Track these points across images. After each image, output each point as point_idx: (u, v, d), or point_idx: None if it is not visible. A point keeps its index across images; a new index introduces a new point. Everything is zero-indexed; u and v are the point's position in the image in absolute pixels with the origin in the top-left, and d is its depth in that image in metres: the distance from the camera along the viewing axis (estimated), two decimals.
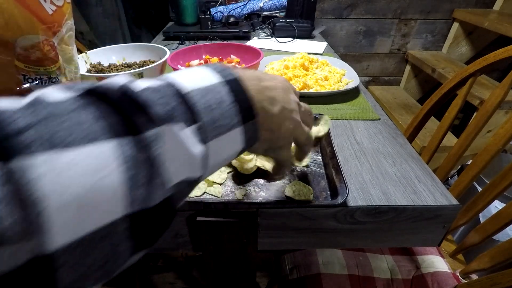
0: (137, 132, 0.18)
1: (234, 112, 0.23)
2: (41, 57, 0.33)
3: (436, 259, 0.70)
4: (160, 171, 0.19)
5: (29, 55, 0.32)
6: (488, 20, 1.37)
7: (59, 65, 0.36)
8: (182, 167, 0.20)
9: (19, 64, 0.32)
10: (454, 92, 0.75)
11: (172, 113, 0.20)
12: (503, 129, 0.60)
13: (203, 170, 0.22)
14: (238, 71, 0.27)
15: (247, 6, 1.25)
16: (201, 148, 0.21)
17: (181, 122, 0.20)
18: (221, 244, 0.43)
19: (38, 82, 0.34)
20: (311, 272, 0.67)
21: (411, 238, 0.44)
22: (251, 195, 0.42)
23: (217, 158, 0.23)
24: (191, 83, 0.22)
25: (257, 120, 0.26)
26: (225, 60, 0.75)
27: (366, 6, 1.59)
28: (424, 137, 1.34)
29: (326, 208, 0.40)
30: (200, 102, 0.22)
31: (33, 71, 0.33)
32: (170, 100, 0.20)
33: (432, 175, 0.46)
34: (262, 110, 0.27)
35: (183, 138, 0.20)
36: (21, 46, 0.31)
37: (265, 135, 0.28)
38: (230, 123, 0.23)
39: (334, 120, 0.60)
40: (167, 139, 0.19)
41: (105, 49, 0.73)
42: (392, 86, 1.88)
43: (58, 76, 0.36)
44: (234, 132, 0.24)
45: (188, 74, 0.23)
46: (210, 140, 0.22)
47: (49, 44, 0.33)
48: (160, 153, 0.19)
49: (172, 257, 1.27)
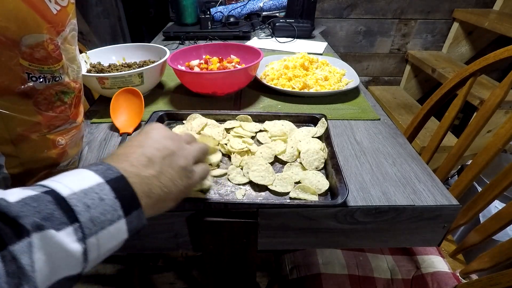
0: (4, 246, 0.20)
1: (115, 208, 0.26)
2: (45, 56, 0.33)
3: (436, 259, 0.70)
4: (32, 278, 0.20)
5: (34, 53, 0.32)
6: (488, 20, 1.37)
7: (63, 64, 0.36)
8: (59, 268, 0.22)
9: (24, 63, 0.32)
10: (454, 92, 0.75)
11: (49, 218, 0.22)
12: (503, 129, 0.60)
13: (84, 264, 0.24)
14: (123, 165, 0.28)
15: (247, 6, 1.25)
16: (80, 246, 0.23)
17: (58, 225, 0.22)
18: (221, 244, 0.43)
19: (42, 80, 0.34)
20: (311, 272, 0.67)
21: (411, 238, 0.44)
22: (251, 195, 0.42)
23: (101, 250, 0.25)
24: (71, 186, 0.24)
25: (142, 207, 0.28)
26: (225, 60, 0.75)
27: (366, 6, 1.59)
28: (424, 137, 1.34)
29: (326, 208, 0.40)
30: (78, 204, 0.24)
31: (37, 69, 0.33)
32: (46, 207, 0.22)
33: (432, 175, 0.46)
34: (147, 197, 0.29)
35: (59, 240, 0.22)
36: (26, 45, 0.31)
37: (157, 209, 0.31)
38: (112, 218, 0.25)
39: (334, 120, 0.60)
40: (41, 245, 0.21)
41: (105, 49, 0.73)
42: (392, 86, 1.88)
43: (62, 75, 0.36)
44: (117, 225, 0.26)
45: (70, 177, 0.26)
46: (89, 237, 0.24)
47: (53, 43, 0.34)
48: (33, 260, 0.21)
49: (172, 257, 1.27)
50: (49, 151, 0.38)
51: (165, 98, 0.69)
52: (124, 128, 0.55)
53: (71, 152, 0.41)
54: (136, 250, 0.44)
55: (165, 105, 0.66)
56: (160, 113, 0.57)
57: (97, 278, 1.19)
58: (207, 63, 0.73)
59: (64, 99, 0.38)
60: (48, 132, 0.37)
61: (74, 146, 0.42)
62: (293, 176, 0.44)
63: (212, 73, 0.62)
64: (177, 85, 0.75)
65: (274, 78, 0.73)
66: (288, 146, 0.49)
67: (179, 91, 0.72)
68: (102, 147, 0.52)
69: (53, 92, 0.36)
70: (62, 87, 0.37)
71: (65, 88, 0.37)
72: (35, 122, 0.35)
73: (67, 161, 0.41)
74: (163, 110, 0.58)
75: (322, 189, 0.42)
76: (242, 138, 0.51)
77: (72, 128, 0.40)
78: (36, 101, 0.35)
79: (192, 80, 0.64)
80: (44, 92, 0.35)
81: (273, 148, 0.49)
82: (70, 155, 0.41)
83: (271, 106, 0.66)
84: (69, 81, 0.38)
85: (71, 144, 0.41)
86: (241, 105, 0.66)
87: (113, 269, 1.22)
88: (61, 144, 0.39)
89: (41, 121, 0.36)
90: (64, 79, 0.37)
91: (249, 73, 0.64)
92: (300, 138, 0.51)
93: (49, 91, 0.36)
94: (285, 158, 0.48)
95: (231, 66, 0.71)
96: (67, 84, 0.37)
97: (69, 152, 0.41)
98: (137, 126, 0.57)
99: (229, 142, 0.50)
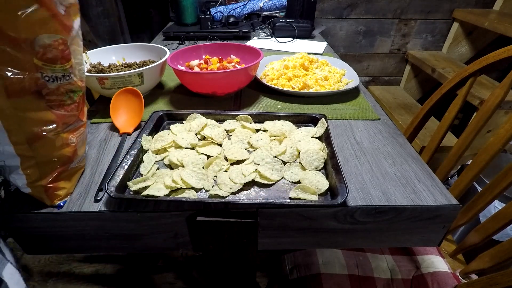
0: None
1: None
2: (57, 55, 0.35)
3: (436, 259, 0.70)
4: None
5: (46, 53, 0.34)
6: (488, 20, 1.37)
7: (71, 64, 0.37)
8: None
9: (38, 62, 0.33)
10: (454, 92, 0.75)
11: None
12: (503, 129, 0.60)
13: None
14: None
15: (247, 6, 1.25)
16: None
17: None
18: (221, 244, 0.43)
19: (54, 79, 0.36)
20: (311, 272, 0.67)
21: (411, 238, 0.44)
22: (251, 195, 0.42)
23: None
24: None
25: None
26: (225, 60, 0.75)
27: (366, 6, 1.59)
28: (424, 137, 1.34)
29: (326, 208, 0.40)
30: None
31: (50, 68, 0.35)
32: None
33: (432, 175, 0.46)
34: None
35: None
36: (39, 45, 0.33)
37: None
38: None
39: (334, 120, 0.60)
40: None
41: (105, 49, 0.73)
42: (392, 86, 1.88)
43: (71, 74, 0.38)
44: None
45: None
46: None
47: (64, 42, 0.35)
48: None
49: (172, 257, 1.27)
50: (63, 149, 0.39)
51: (165, 98, 0.69)
52: (124, 128, 0.55)
53: (80, 151, 0.42)
54: (136, 250, 0.45)
55: (165, 105, 0.66)
56: (160, 113, 0.57)
57: (97, 278, 1.20)
58: (207, 63, 0.73)
59: (73, 98, 0.39)
60: (62, 130, 0.38)
61: (82, 145, 0.43)
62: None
63: (212, 73, 0.62)
64: (177, 85, 0.75)
65: (274, 78, 0.73)
66: (288, 146, 0.49)
67: (179, 91, 0.72)
68: (102, 147, 0.52)
69: (64, 91, 0.37)
70: (71, 86, 0.38)
71: (73, 86, 0.38)
72: (50, 121, 0.36)
73: (77, 159, 0.42)
74: (163, 110, 0.58)
75: (322, 189, 0.42)
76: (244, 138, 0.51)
77: (80, 126, 0.41)
78: (49, 100, 0.36)
79: (192, 80, 0.64)
80: (56, 91, 0.36)
81: (273, 148, 0.49)
82: (79, 153, 0.42)
83: (271, 106, 0.66)
84: (77, 80, 0.39)
85: (80, 142, 0.42)
86: (241, 105, 0.66)
87: (113, 269, 1.22)
88: (73, 142, 0.40)
89: (55, 120, 0.37)
90: (73, 78, 0.38)
91: (249, 73, 0.64)
92: (299, 138, 0.51)
93: (60, 90, 0.37)
94: (285, 159, 0.48)
95: (231, 66, 0.71)
96: (75, 83, 0.38)
97: (79, 150, 0.41)
98: (137, 126, 0.57)
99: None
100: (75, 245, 0.44)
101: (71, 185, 0.42)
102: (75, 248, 0.44)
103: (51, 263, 1.26)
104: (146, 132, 0.52)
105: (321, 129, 0.53)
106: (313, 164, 0.46)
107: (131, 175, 0.45)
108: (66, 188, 0.41)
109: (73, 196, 0.42)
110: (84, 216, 0.40)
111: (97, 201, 0.41)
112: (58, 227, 0.41)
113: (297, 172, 0.45)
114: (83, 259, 1.27)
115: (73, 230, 0.41)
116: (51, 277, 1.21)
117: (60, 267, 1.25)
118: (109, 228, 0.41)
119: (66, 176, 0.41)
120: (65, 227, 0.41)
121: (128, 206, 0.40)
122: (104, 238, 0.42)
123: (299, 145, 0.49)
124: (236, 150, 0.49)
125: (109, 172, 0.45)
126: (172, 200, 0.40)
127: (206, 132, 0.52)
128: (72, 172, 0.42)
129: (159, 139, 0.51)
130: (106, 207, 0.40)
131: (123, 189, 0.41)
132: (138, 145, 0.48)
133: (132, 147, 0.47)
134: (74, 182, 0.43)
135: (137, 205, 0.40)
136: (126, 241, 0.43)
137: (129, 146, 0.48)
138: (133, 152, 0.47)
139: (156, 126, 0.55)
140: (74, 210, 0.40)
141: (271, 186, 0.44)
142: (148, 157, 0.47)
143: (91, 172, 0.46)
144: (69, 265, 1.25)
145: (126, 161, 0.44)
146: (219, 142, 0.51)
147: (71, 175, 0.42)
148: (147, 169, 0.45)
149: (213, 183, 0.44)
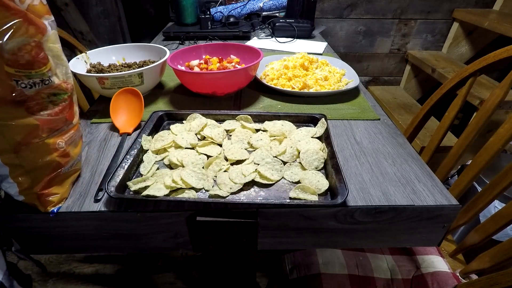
0: None
1: None
2: (31, 60, 0.32)
3: (436, 259, 0.70)
4: None
5: (18, 59, 0.31)
6: (488, 20, 1.37)
7: (50, 66, 0.35)
8: None
9: (9, 70, 0.31)
10: (454, 92, 0.75)
11: None
12: (503, 129, 0.60)
13: None
14: None
15: (247, 6, 1.25)
16: None
17: None
18: (221, 244, 0.43)
19: (32, 86, 0.33)
20: (311, 272, 0.67)
21: (411, 238, 0.44)
22: (251, 195, 0.42)
23: None
24: None
25: None
26: (225, 60, 0.75)
27: (366, 6, 1.59)
28: (424, 137, 1.34)
29: (326, 208, 0.40)
30: None
31: (25, 75, 0.32)
32: None
33: (432, 175, 0.46)
34: None
35: None
36: (7, 50, 0.30)
37: None
38: None
39: (334, 120, 0.60)
40: None
41: (105, 49, 0.73)
42: (392, 86, 1.88)
43: (51, 78, 0.35)
44: None
45: None
46: None
47: (37, 45, 0.32)
48: None
49: (172, 257, 1.27)
50: (51, 155, 0.37)
51: (165, 98, 0.69)
52: (124, 128, 0.55)
53: (73, 154, 0.41)
54: (136, 250, 0.45)
55: (165, 105, 0.66)
56: (160, 113, 0.57)
57: (97, 278, 1.20)
58: (207, 63, 0.73)
59: (56, 101, 0.37)
60: (47, 136, 0.37)
61: (74, 147, 0.42)
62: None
63: (212, 73, 0.62)
64: (177, 85, 0.75)
65: (274, 78, 0.73)
66: (288, 146, 0.49)
67: (179, 91, 0.72)
68: (102, 147, 0.52)
69: (44, 96, 0.35)
70: (52, 89, 0.36)
71: (55, 90, 0.36)
72: (32, 128, 0.35)
73: (70, 163, 0.41)
74: (163, 110, 0.58)
75: (322, 189, 0.42)
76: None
77: (70, 129, 0.40)
78: (29, 106, 0.34)
79: (192, 80, 0.64)
80: (36, 96, 0.34)
81: (273, 148, 0.49)
82: (72, 157, 0.41)
83: (271, 106, 0.66)
84: (60, 82, 0.37)
85: (72, 145, 0.41)
86: (241, 105, 0.66)
87: (113, 269, 1.22)
88: (61, 147, 0.39)
89: (39, 126, 0.35)
90: (54, 81, 0.36)
91: (249, 73, 0.64)
92: (299, 138, 0.51)
93: (40, 95, 0.34)
94: (285, 159, 0.48)
95: (231, 66, 0.71)
96: (57, 85, 0.37)
97: (71, 153, 0.41)
98: (137, 126, 0.57)
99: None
100: (75, 245, 0.44)
101: (65, 190, 0.41)
102: (75, 248, 0.44)
103: (51, 263, 1.26)
104: (146, 132, 0.52)
105: (321, 129, 0.53)
106: (313, 164, 0.46)
107: (131, 175, 0.45)
108: (59, 194, 0.40)
109: (73, 196, 0.42)
110: (84, 216, 0.40)
111: (97, 201, 0.41)
112: (58, 227, 0.41)
113: (297, 172, 0.45)
114: (83, 259, 1.27)
115: (73, 230, 0.41)
116: (51, 277, 1.21)
117: (60, 267, 1.25)
118: (109, 228, 0.41)
119: (59, 182, 0.40)
120: (65, 227, 0.41)
121: (128, 206, 0.40)
122: (104, 238, 0.42)
123: (299, 145, 0.49)
124: (236, 150, 0.49)
125: (109, 172, 0.45)
126: (172, 200, 0.40)
127: (206, 132, 0.52)
128: (65, 177, 0.41)
129: (159, 139, 0.51)
130: (106, 207, 0.40)
131: (123, 189, 0.41)
132: (138, 145, 0.48)
133: (132, 147, 0.47)
134: (68, 187, 0.42)
135: (137, 205, 0.40)
136: (126, 241, 0.43)
137: (129, 146, 0.48)
138: (133, 152, 0.47)
139: (156, 126, 0.55)
140: (74, 210, 0.40)
141: (271, 186, 0.44)
142: (148, 157, 0.47)
143: (91, 172, 0.46)
144: (69, 265, 1.25)
145: (126, 161, 0.44)
146: (219, 142, 0.51)
147: (64, 180, 0.41)
148: (147, 169, 0.45)
149: (213, 183, 0.44)
